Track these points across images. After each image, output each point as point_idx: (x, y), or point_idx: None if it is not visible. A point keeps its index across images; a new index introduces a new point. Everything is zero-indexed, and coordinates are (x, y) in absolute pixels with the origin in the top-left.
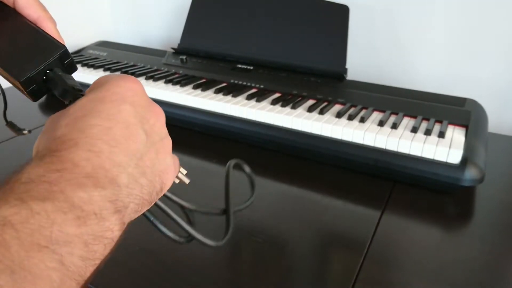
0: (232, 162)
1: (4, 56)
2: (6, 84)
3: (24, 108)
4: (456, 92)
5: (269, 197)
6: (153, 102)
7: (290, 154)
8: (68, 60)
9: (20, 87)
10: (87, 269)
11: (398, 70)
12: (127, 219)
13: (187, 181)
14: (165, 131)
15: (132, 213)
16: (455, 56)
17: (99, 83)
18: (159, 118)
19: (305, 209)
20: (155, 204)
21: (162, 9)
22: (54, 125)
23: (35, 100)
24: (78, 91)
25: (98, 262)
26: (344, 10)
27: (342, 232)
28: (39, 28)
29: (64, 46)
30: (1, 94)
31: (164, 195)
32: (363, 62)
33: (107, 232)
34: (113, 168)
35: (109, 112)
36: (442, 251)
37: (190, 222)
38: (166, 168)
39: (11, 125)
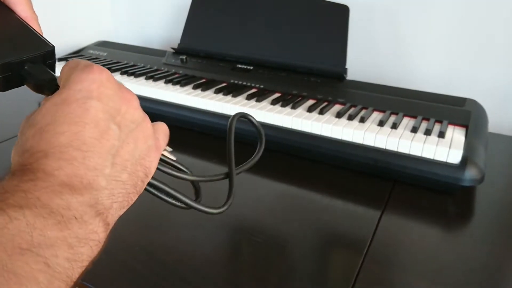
0: (236, 115)
1: None
2: None
3: (24, 109)
4: (456, 92)
5: (269, 197)
6: (122, 86)
7: (290, 154)
8: (51, 61)
9: None
10: (75, 271)
11: (398, 70)
12: (111, 219)
13: (173, 158)
14: (140, 114)
15: (118, 211)
16: (455, 56)
17: (62, 77)
18: (131, 103)
19: (305, 209)
20: (147, 185)
21: (162, 9)
22: (23, 134)
23: (3, 90)
24: (56, 85)
25: (86, 263)
26: (344, 10)
27: (342, 232)
28: (28, 25)
29: (53, 46)
30: None
31: (160, 171)
32: (363, 62)
33: (92, 234)
34: (89, 173)
35: (75, 114)
36: (442, 251)
37: (197, 194)
38: (146, 153)
39: None
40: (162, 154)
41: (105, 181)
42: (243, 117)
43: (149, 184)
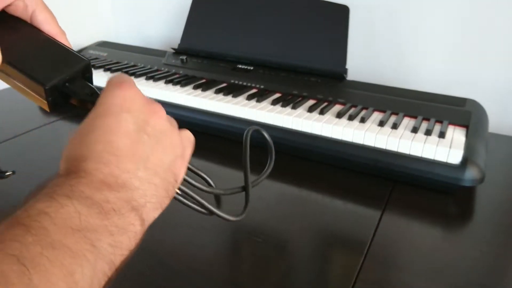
0: (251, 129)
1: (30, 65)
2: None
3: (24, 109)
4: (457, 92)
5: (269, 197)
6: (150, 101)
7: (290, 154)
8: (89, 74)
9: (40, 96)
10: (116, 257)
11: (398, 70)
12: (147, 217)
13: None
14: (167, 125)
15: (152, 211)
16: (456, 56)
17: (102, 95)
18: (159, 114)
19: (305, 209)
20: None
21: (162, 9)
22: (69, 144)
23: (52, 110)
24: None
25: (126, 252)
26: (344, 10)
27: (343, 232)
28: (59, 42)
29: (89, 60)
30: None
31: (186, 181)
32: (363, 62)
33: (129, 226)
34: (122, 174)
35: (109, 126)
36: (442, 251)
37: (218, 203)
38: (175, 160)
39: None
40: (189, 164)
41: (138, 182)
42: (257, 131)
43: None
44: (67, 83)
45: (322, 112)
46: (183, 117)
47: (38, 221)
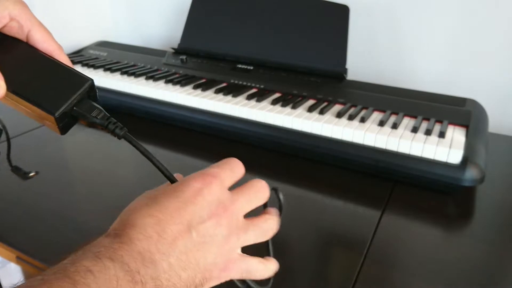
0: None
1: (33, 92)
2: (7, 119)
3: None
4: (457, 92)
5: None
6: (221, 203)
7: (290, 154)
8: (93, 93)
9: (49, 121)
10: None
11: (398, 70)
12: None
13: None
14: (222, 233)
15: None
16: (456, 56)
17: (187, 177)
18: (219, 220)
19: (305, 209)
20: None
21: (162, 9)
22: (129, 209)
23: (63, 133)
24: (107, 120)
25: None
26: (344, 10)
27: (343, 232)
28: (60, 62)
29: (91, 79)
30: (5, 134)
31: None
32: (363, 62)
33: None
34: (157, 253)
35: (169, 209)
36: (443, 251)
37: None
38: (211, 268)
39: (16, 169)
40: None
41: (167, 266)
42: (274, 189)
43: None
44: (75, 106)
45: (322, 112)
46: (183, 117)
47: (84, 277)
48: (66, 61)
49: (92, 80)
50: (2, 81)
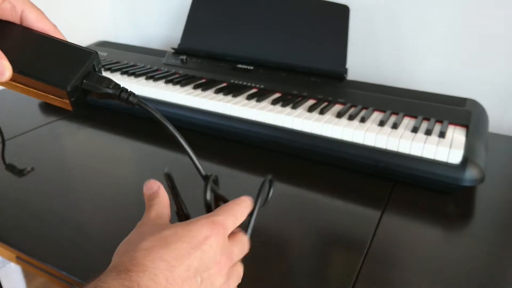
0: (267, 178)
1: (41, 70)
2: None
3: (24, 109)
4: (457, 92)
5: None
6: (224, 253)
7: (290, 154)
8: (99, 66)
9: (61, 98)
10: None
11: (398, 70)
12: None
13: None
14: (222, 280)
15: None
16: (456, 56)
17: (196, 222)
18: (221, 270)
19: (305, 209)
20: None
21: (162, 9)
22: (138, 243)
23: (76, 108)
24: (119, 89)
25: None
26: (344, 10)
27: (343, 232)
28: (60, 39)
29: (95, 51)
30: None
31: None
32: (363, 62)
33: None
34: None
35: (180, 253)
36: (443, 251)
37: None
38: None
39: (10, 167)
40: None
41: None
42: (271, 182)
43: None
44: (84, 79)
45: (322, 112)
46: (183, 117)
47: None
48: (63, 38)
49: (96, 52)
50: (6, 61)
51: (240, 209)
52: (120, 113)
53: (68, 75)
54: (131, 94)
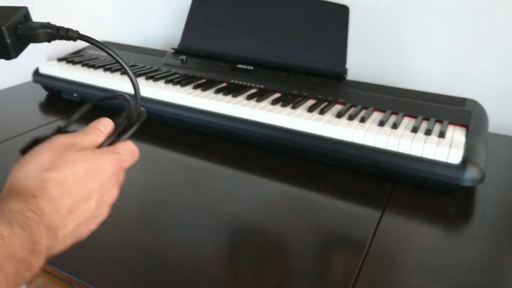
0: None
1: None
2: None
3: (24, 109)
4: (457, 92)
5: (269, 197)
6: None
7: (290, 154)
8: (29, 17)
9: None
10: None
11: (398, 70)
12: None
13: None
14: (116, 190)
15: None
16: (455, 56)
17: (100, 155)
18: (111, 196)
19: (305, 209)
20: None
21: (162, 9)
22: (50, 169)
23: (15, 56)
24: (56, 28)
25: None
26: (344, 10)
27: (343, 232)
28: None
29: (25, 6)
30: None
31: None
32: (363, 62)
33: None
34: (61, 228)
35: (86, 188)
36: (442, 251)
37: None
38: (87, 234)
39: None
40: None
41: (62, 237)
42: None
43: None
44: (19, 25)
45: (322, 112)
46: (183, 117)
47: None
48: None
49: (26, 7)
50: None
51: (136, 151)
52: (120, 113)
53: (2, 20)
54: (69, 30)
